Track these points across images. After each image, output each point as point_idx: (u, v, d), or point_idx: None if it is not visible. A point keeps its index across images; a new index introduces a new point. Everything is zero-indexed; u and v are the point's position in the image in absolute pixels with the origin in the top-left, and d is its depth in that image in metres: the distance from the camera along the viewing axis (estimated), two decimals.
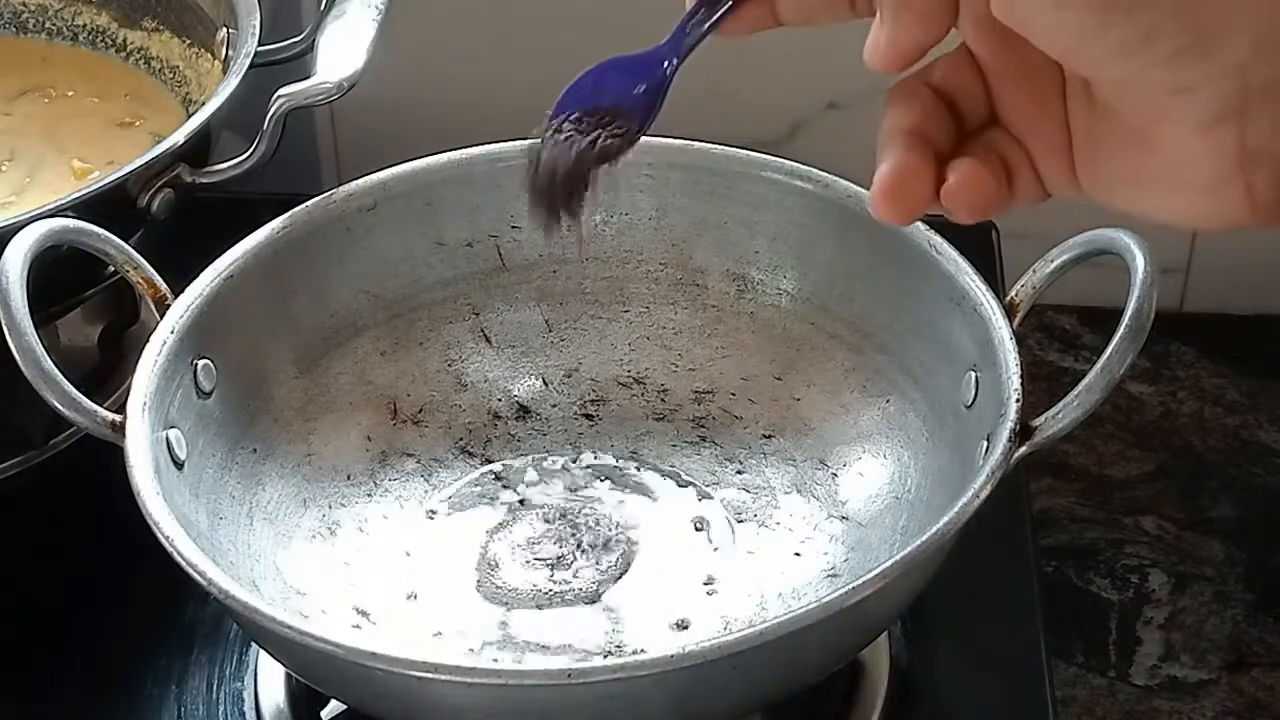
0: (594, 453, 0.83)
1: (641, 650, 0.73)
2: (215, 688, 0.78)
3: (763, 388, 0.83)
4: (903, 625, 0.78)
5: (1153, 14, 0.46)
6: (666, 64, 0.60)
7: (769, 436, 0.82)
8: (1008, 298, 0.74)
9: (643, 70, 0.61)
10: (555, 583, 0.76)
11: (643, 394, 0.84)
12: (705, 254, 0.84)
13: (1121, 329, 0.69)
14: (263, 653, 0.76)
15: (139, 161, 0.79)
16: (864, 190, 0.79)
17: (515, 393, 0.85)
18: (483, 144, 0.84)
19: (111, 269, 0.77)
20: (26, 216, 0.75)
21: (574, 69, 1.10)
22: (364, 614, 0.76)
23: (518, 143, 0.83)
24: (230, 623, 0.78)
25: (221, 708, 0.77)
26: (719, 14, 0.58)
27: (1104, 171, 0.52)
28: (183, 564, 0.67)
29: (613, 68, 0.61)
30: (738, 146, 0.82)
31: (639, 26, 1.05)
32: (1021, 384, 0.70)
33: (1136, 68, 0.47)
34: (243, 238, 0.79)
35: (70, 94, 0.94)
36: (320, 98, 0.81)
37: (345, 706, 0.74)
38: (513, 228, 0.84)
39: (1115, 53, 0.47)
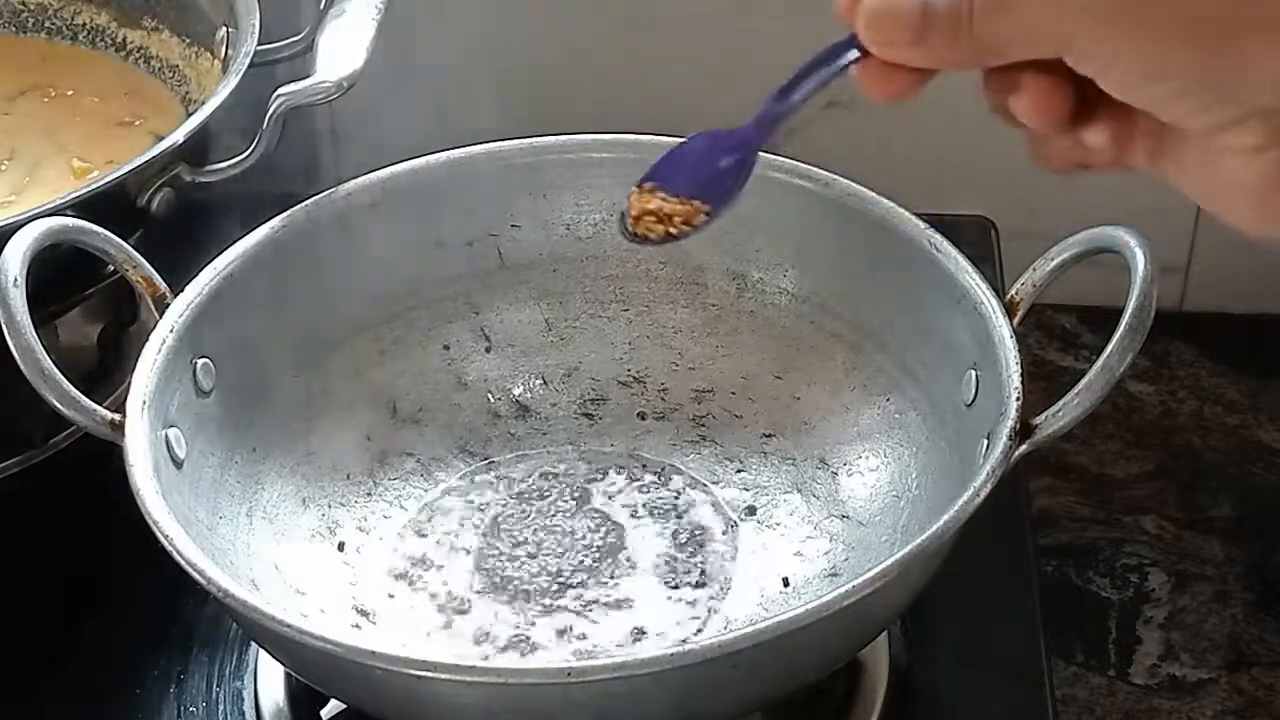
0: (594, 451, 0.83)
1: (642, 648, 0.73)
2: (215, 687, 0.78)
3: (763, 386, 0.83)
4: (903, 625, 0.78)
5: (1182, 75, 0.53)
6: (753, 144, 0.64)
7: (769, 435, 0.82)
8: (1008, 296, 0.74)
9: (729, 150, 0.64)
10: (556, 581, 0.76)
11: (643, 393, 0.84)
12: (705, 253, 0.84)
13: (1122, 327, 0.69)
14: (263, 652, 0.76)
15: (139, 161, 0.79)
16: (864, 189, 0.80)
17: (515, 392, 0.85)
18: (483, 143, 0.84)
19: (111, 268, 0.77)
20: (26, 215, 0.75)
21: (573, 67, 1.11)
22: (364, 614, 0.76)
23: (518, 141, 0.84)
24: (230, 622, 0.78)
25: (221, 707, 0.77)
26: (803, 89, 0.61)
27: (1175, 168, 0.56)
28: (182, 563, 0.67)
29: (699, 144, 0.65)
30: None
31: (640, 26, 1.05)
32: (1022, 382, 0.70)
33: (1181, 113, 0.54)
34: (242, 237, 0.79)
35: (70, 93, 0.94)
36: (320, 97, 0.81)
37: (345, 706, 0.74)
38: (513, 227, 0.84)
39: (1161, 102, 0.54)
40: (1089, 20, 0.53)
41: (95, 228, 0.75)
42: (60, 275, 0.77)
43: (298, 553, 0.77)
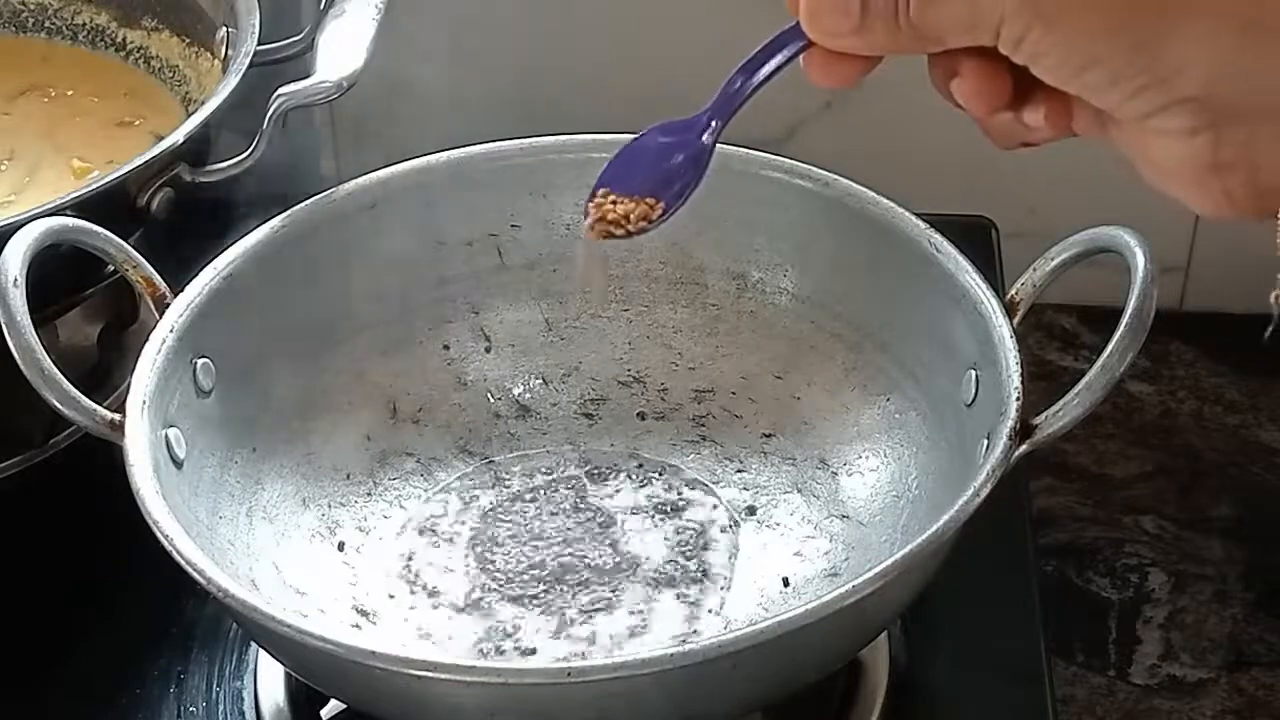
0: (594, 451, 0.83)
1: (642, 648, 0.73)
2: (215, 687, 0.78)
3: (763, 386, 0.83)
4: (903, 625, 0.78)
5: (1112, 63, 0.55)
6: (707, 134, 0.65)
7: (769, 435, 0.82)
8: (1008, 296, 0.74)
9: (682, 143, 0.66)
10: (555, 581, 0.76)
11: (643, 393, 0.84)
12: (705, 253, 0.84)
13: (1122, 327, 0.69)
14: (263, 652, 0.76)
15: (138, 161, 0.79)
16: (864, 189, 0.80)
17: (515, 392, 0.85)
18: (483, 143, 0.84)
19: (111, 268, 0.77)
20: (26, 215, 0.75)
21: (573, 68, 1.11)
22: (364, 614, 0.76)
23: (518, 141, 0.84)
24: (230, 622, 0.78)
25: (221, 707, 0.77)
26: (767, 71, 0.63)
27: (1120, 140, 0.58)
28: (182, 563, 0.67)
29: (654, 138, 0.66)
30: (738, 145, 0.82)
31: (639, 26, 1.05)
32: (1022, 382, 0.70)
33: (1113, 100, 0.56)
34: (242, 237, 0.79)
35: (70, 93, 0.94)
36: (320, 97, 0.81)
37: (345, 706, 0.74)
38: (513, 227, 0.84)
39: (1093, 89, 0.56)
40: (1020, 8, 0.54)
41: (95, 228, 0.75)
42: (60, 275, 0.77)
43: (298, 553, 0.77)
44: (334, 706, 0.75)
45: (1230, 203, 0.56)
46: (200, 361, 0.76)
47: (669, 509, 0.80)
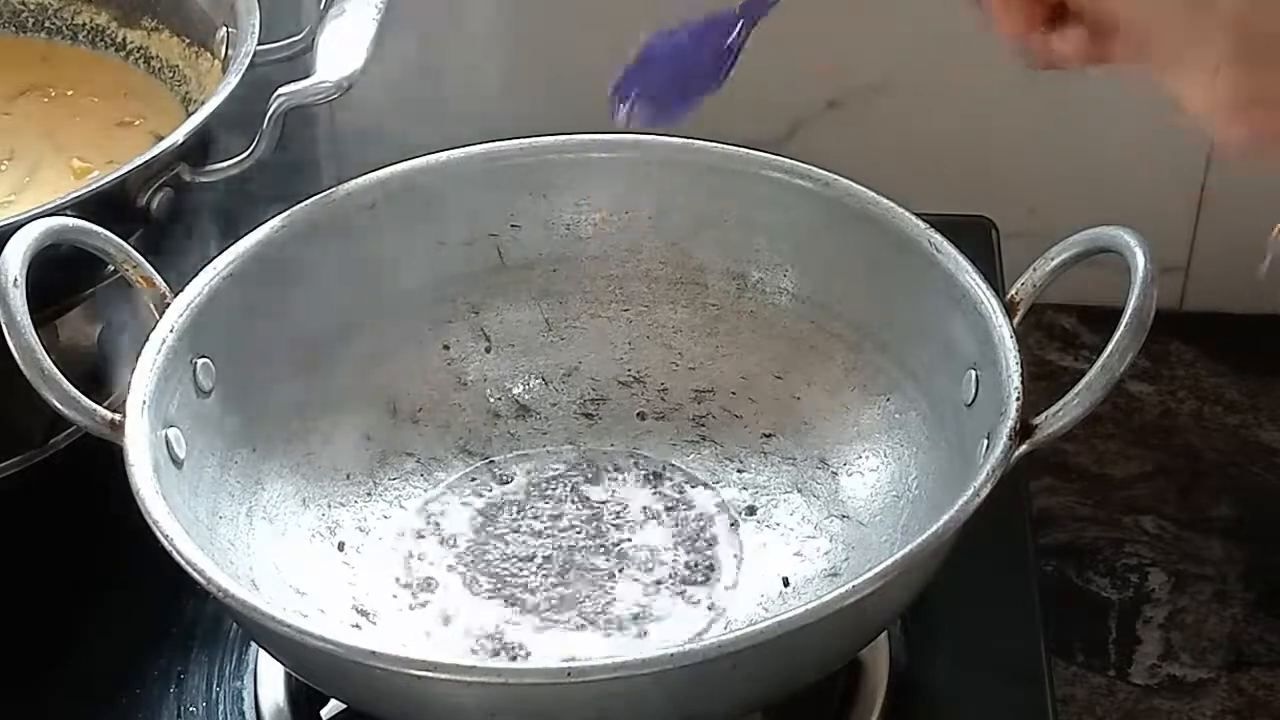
0: (594, 451, 0.83)
1: (642, 648, 0.73)
2: (215, 687, 0.78)
3: (763, 386, 0.83)
4: (903, 625, 0.78)
5: None
6: (734, 33, 0.66)
7: (769, 435, 0.82)
8: (1008, 296, 0.74)
9: (709, 37, 0.67)
10: (555, 581, 0.77)
11: (643, 393, 0.84)
12: (705, 252, 0.84)
13: (1122, 327, 0.69)
14: (262, 652, 0.76)
15: (138, 161, 0.79)
16: (864, 189, 0.80)
17: (515, 392, 0.85)
18: (482, 143, 0.84)
19: (111, 268, 0.77)
20: (26, 215, 0.75)
21: (573, 68, 1.10)
22: (364, 614, 0.76)
23: (518, 141, 0.84)
24: (230, 622, 0.78)
25: (221, 707, 0.77)
26: None
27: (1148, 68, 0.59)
28: (182, 563, 0.67)
29: (681, 37, 0.68)
30: (738, 145, 0.82)
31: (638, 26, 1.05)
32: (1022, 382, 0.70)
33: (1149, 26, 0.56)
34: (242, 237, 0.79)
35: (70, 93, 0.94)
36: (320, 97, 0.81)
37: (345, 706, 0.74)
38: (512, 227, 0.84)
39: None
40: None
41: (95, 228, 0.75)
42: (60, 275, 0.77)
43: (298, 553, 0.77)
44: (334, 706, 0.75)
45: (1258, 139, 0.57)
46: (200, 361, 0.76)
47: (669, 509, 0.80)
